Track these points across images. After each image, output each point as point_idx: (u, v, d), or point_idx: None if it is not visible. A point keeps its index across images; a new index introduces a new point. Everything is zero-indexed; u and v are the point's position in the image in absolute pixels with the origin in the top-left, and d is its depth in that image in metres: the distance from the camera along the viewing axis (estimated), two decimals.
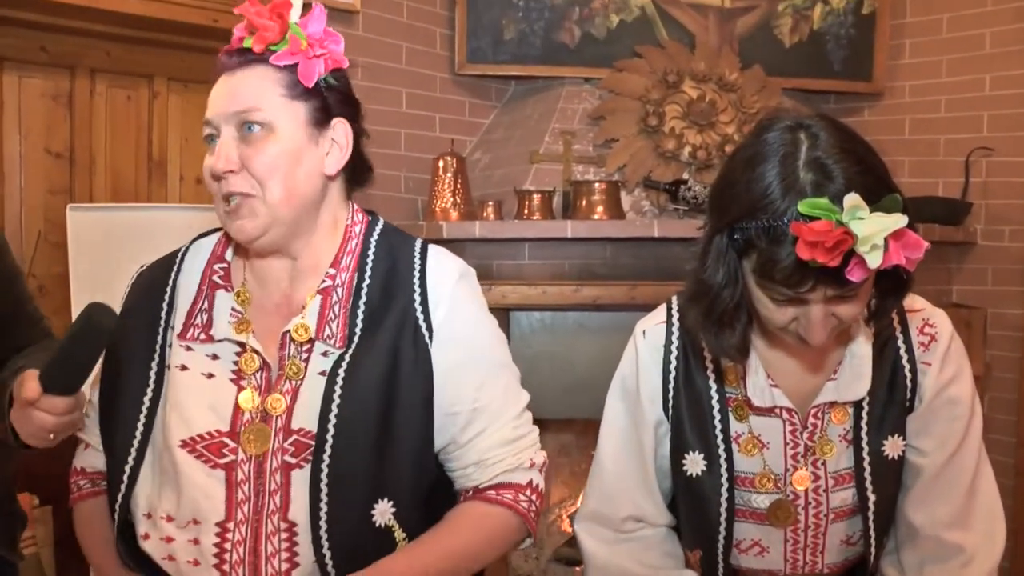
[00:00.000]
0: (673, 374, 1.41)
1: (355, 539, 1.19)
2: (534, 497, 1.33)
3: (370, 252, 1.32)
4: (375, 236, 1.35)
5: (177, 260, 1.38)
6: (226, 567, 1.19)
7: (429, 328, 1.27)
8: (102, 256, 2.43)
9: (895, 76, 3.63)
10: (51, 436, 1.26)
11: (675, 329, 1.43)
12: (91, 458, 1.42)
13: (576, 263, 2.92)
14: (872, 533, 1.36)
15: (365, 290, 1.28)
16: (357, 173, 1.37)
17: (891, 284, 1.22)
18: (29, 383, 1.19)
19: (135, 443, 1.26)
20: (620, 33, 3.45)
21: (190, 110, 3.21)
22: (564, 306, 2.87)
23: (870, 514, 1.36)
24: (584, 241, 2.90)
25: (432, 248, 1.36)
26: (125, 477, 1.26)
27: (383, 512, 1.22)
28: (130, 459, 1.25)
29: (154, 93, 3.13)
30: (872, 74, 3.62)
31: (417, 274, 1.30)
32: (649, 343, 1.44)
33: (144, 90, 3.12)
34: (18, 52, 2.83)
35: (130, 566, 1.30)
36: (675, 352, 1.42)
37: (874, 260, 1.07)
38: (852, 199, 1.08)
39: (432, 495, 1.29)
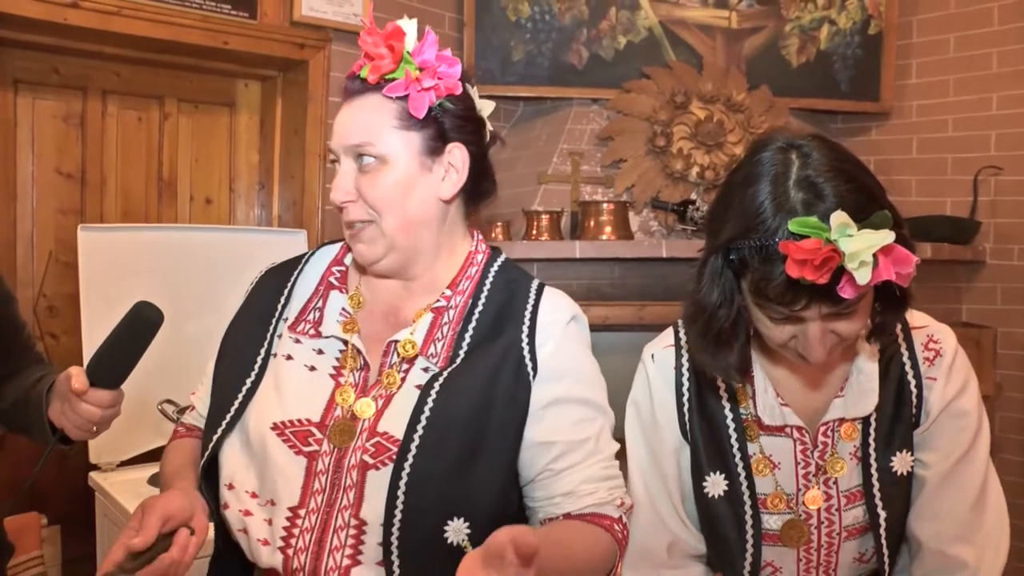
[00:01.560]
0: (686, 396, 1.41)
1: (425, 551, 1.19)
2: (625, 533, 1.31)
3: (488, 281, 1.35)
4: (495, 268, 1.37)
5: (302, 262, 1.44)
6: (290, 551, 1.21)
7: (534, 363, 1.28)
8: (113, 276, 2.44)
9: (902, 96, 3.64)
10: (94, 428, 1.32)
11: (684, 351, 1.43)
12: (190, 419, 1.49)
13: (584, 283, 2.92)
14: (885, 550, 1.35)
15: (477, 316, 1.31)
16: (478, 193, 1.39)
17: (892, 300, 1.23)
18: (77, 376, 1.24)
19: (227, 417, 1.30)
20: (628, 54, 3.47)
21: (200, 131, 3.23)
22: None
23: (881, 531, 1.35)
24: (592, 261, 2.90)
25: (549, 289, 1.37)
26: (210, 446, 1.30)
27: (457, 530, 1.21)
28: (219, 431, 1.30)
29: (165, 114, 3.15)
30: (879, 94, 3.63)
31: (529, 310, 1.32)
32: (659, 367, 1.44)
33: (155, 111, 3.14)
34: (31, 74, 2.86)
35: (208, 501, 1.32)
36: (686, 374, 1.42)
37: (863, 276, 1.07)
38: (839, 217, 1.08)
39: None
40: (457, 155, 1.31)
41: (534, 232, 3.04)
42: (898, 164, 3.61)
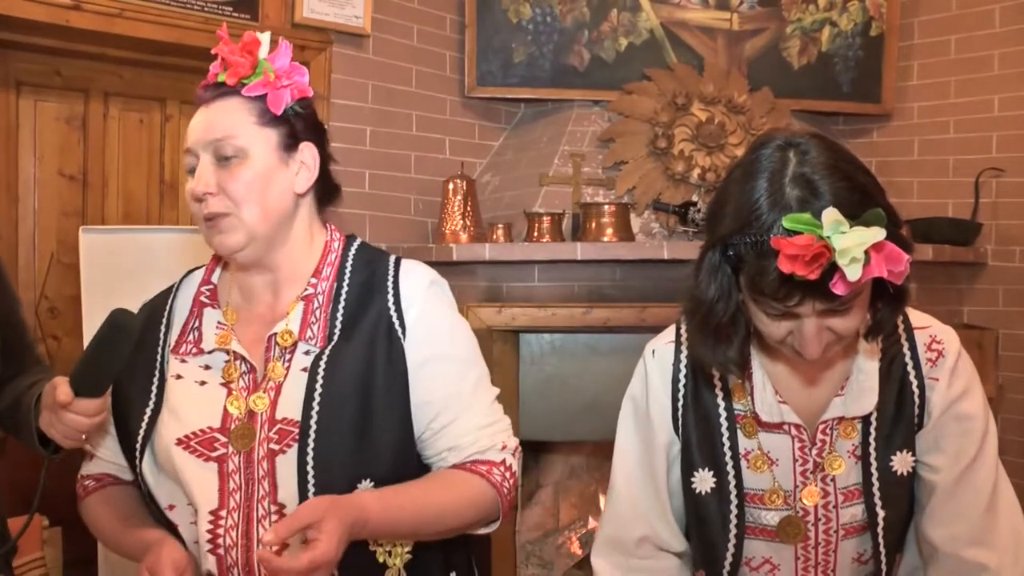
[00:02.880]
0: (682, 392, 1.42)
1: None
2: (508, 475, 1.40)
3: (348, 263, 1.44)
4: (353, 250, 1.46)
5: (173, 290, 1.51)
6: (220, 551, 1.29)
7: (403, 326, 1.38)
8: (114, 277, 2.45)
9: (904, 97, 3.64)
10: (83, 437, 1.35)
11: (684, 348, 1.44)
12: (95, 467, 1.52)
13: (586, 285, 2.92)
14: (882, 550, 1.36)
15: (344, 295, 1.40)
16: (326, 193, 1.48)
17: (889, 299, 1.23)
18: (61, 387, 1.27)
19: (137, 446, 1.37)
20: (629, 56, 3.47)
21: None
22: (574, 328, 2.87)
23: (879, 530, 1.35)
24: (594, 263, 2.90)
25: (405, 260, 1.46)
26: (137, 476, 1.39)
27: (366, 490, 1.31)
28: (137, 463, 1.37)
29: (166, 116, 3.15)
30: (881, 95, 3.63)
31: (391, 280, 1.41)
32: (658, 362, 1.45)
33: (156, 113, 3.14)
34: (33, 76, 2.86)
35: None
36: (683, 371, 1.43)
37: (853, 273, 1.08)
38: (830, 214, 1.09)
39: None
40: (308, 153, 1.40)
41: (535, 234, 3.04)
42: (899, 166, 3.61)
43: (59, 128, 2.94)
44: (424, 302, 1.40)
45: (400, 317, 1.38)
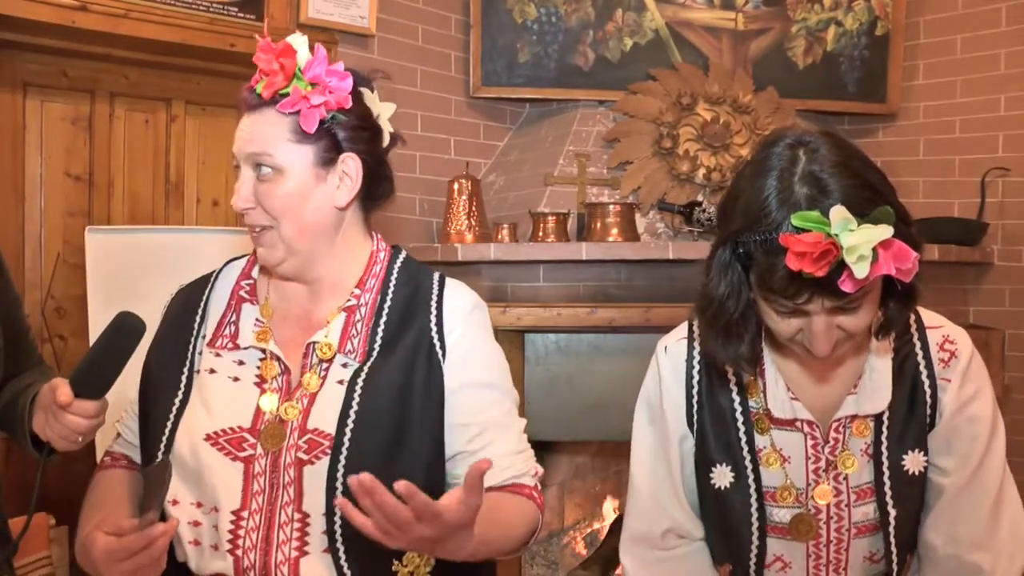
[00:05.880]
0: (696, 388, 1.43)
1: None
2: (540, 501, 1.41)
3: (393, 277, 1.44)
4: (398, 264, 1.46)
5: (211, 280, 1.51)
6: (239, 552, 1.28)
7: (443, 348, 1.38)
8: (120, 277, 2.45)
9: (909, 97, 3.63)
10: (79, 439, 1.34)
11: (696, 344, 1.44)
12: (118, 446, 1.53)
13: (591, 285, 2.92)
14: (894, 549, 1.36)
15: (386, 311, 1.40)
16: (373, 193, 1.46)
17: (899, 297, 1.23)
18: (62, 388, 1.27)
19: (164, 438, 1.36)
20: (634, 56, 3.47)
21: (207, 133, 3.24)
22: (579, 328, 2.87)
23: (891, 529, 1.35)
24: (599, 263, 2.90)
25: (450, 280, 1.47)
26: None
27: None
28: (159, 453, 1.35)
29: (172, 117, 3.16)
30: (886, 95, 3.63)
31: (435, 301, 1.41)
32: (671, 359, 1.47)
33: (162, 114, 3.14)
34: (40, 77, 2.87)
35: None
36: (697, 367, 1.44)
37: (861, 270, 1.08)
38: (838, 211, 1.10)
39: None
40: (351, 165, 1.38)
41: (540, 234, 3.04)
42: (905, 166, 3.60)
43: (65, 128, 2.95)
44: (466, 325, 1.41)
45: (441, 338, 1.39)
